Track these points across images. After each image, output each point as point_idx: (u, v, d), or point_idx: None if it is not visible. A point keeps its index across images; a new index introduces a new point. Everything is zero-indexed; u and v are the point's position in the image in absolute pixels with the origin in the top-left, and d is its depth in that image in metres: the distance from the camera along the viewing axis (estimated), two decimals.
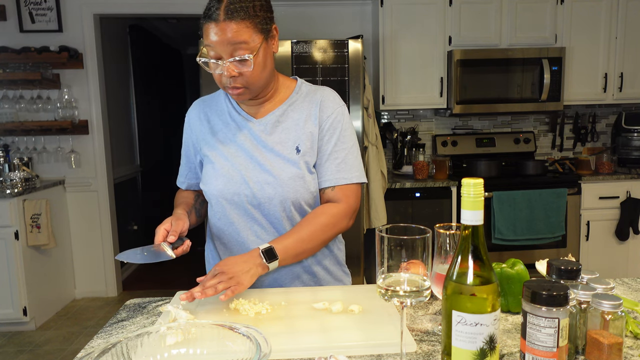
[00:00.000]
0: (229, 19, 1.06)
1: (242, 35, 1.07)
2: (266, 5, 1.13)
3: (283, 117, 1.23)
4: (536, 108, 3.49)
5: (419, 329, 0.96)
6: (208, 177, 1.24)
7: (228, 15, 1.06)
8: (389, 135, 3.74)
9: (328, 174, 1.22)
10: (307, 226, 1.18)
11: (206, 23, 1.08)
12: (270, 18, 1.14)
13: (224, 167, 1.21)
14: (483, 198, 0.70)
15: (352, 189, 1.23)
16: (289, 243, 1.15)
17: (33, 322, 3.29)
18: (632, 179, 3.41)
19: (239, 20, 1.06)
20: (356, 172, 1.23)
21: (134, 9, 3.68)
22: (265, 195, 1.19)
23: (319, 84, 2.82)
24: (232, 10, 1.06)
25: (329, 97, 1.25)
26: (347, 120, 1.25)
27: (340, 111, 1.24)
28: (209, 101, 1.32)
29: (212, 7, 1.08)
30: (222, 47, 1.07)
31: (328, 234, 1.21)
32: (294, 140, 1.21)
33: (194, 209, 1.34)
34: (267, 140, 1.21)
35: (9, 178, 3.32)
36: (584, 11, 3.51)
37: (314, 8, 3.74)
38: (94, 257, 3.89)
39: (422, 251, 0.74)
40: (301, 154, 1.20)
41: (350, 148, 1.24)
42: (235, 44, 1.07)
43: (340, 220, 1.21)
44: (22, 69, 3.50)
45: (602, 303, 0.77)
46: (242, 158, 1.21)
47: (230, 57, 1.09)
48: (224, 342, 0.77)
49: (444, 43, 3.48)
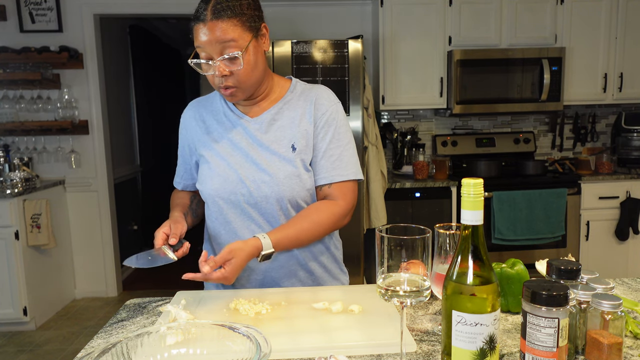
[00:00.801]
0: (216, 18, 1.07)
1: (230, 33, 1.08)
2: (254, 4, 1.14)
3: (278, 115, 1.23)
4: (536, 108, 3.49)
5: (419, 329, 0.96)
6: (204, 177, 1.24)
7: (215, 14, 1.07)
8: (389, 135, 3.74)
9: (324, 171, 1.22)
10: (306, 222, 1.18)
11: (195, 25, 1.10)
12: (259, 16, 1.15)
13: (219, 166, 1.22)
14: (483, 198, 0.70)
15: (349, 186, 1.24)
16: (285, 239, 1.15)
17: (33, 322, 3.29)
18: (632, 179, 3.41)
19: (226, 18, 1.08)
20: (352, 169, 1.24)
21: (134, 9, 3.68)
22: (261, 194, 1.19)
23: (318, 83, 2.82)
24: (219, 9, 1.07)
25: (323, 95, 1.25)
26: (342, 117, 1.26)
27: (334, 108, 1.25)
28: (204, 102, 1.32)
29: (200, 8, 1.10)
30: (212, 47, 1.09)
31: (325, 231, 1.22)
32: (289, 139, 1.21)
33: (190, 210, 1.34)
34: (262, 139, 1.21)
35: (9, 178, 3.32)
36: (584, 11, 3.51)
37: (314, 8, 3.74)
38: (94, 257, 3.89)
39: (422, 251, 0.74)
40: (297, 152, 1.20)
41: (346, 145, 1.24)
42: (224, 42, 1.08)
43: (339, 218, 1.22)
44: (22, 69, 3.50)
45: (602, 303, 0.77)
46: (238, 157, 1.21)
47: (220, 56, 1.10)
48: (224, 342, 0.77)
49: (444, 43, 3.48)
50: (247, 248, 1.09)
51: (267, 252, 1.11)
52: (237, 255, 1.06)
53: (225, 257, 1.05)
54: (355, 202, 1.26)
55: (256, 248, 1.10)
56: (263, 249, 1.11)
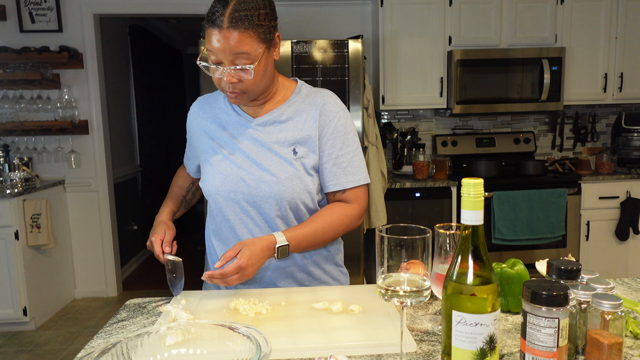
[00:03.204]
0: (232, 27, 1.04)
1: (245, 46, 1.06)
2: (271, 13, 1.12)
3: (281, 117, 1.23)
4: (536, 108, 3.49)
5: (419, 329, 0.96)
6: (206, 176, 1.26)
7: (232, 23, 1.04)
8: (389, 135, 3.74)
9: (336, 177, 1.23)
10: (320, 222, 1.20)
11: (209, 27, 1.07)
12: (274, 27, 1.14)
13: (221, 165, 1.22)
14: (483, 198, 0.70)
15: (362, 191, 1.27)
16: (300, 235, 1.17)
17: (33, 322, 3.29)
18: (632, 179, 3.41)
19: (243, 30, 1.05)
20: (363, 174, 1.26)
21: (134, 9, 3.68)
22: (261, 194, 1.19)
23: (319, 84, 2.82)
24: (237, 18, 1.04)
25: (329, 101, 1.25)
26: (350, 123, 1.26)
27: (342, 114, 1.25)
28: (210, 99, 1.34)
29: (217, 11, 1.06)
30: (224, 55, 1.07)
31: (339, 232, 1.24)
32: (291, 142, 1.21)
33: (184, 201, 1.41)
34: (264, 140, 1.22)
35: (9, 178, 3.32)
36: (584, 11, 3.51)
37: (314, 8, 3.74)
38: (94, 257, 3.89)
39: (422, 251, 0.74)
40: (298, 156, 1.21)
41: (355, 150, 1.26)
42: (237, 54, 1.07)
43: (352, 220, 1.25)
44: (22, 69, 3.50)
45: (602, 303, 0.77)
46: (240, 156, 1.22)
47: (231, 65, 1.08)
48: (224, 342, 0.77)
49: (444, 43, 3.48)
50: (260, 241, 1.11)
51: (281, 245, 1.13)
52: (246, 245, 1.09)
53: (236, 249, 1.08)
54: (367, 204, 1.30)
55: (270, 241, 1.12)
56: (277, 243, 1.12)
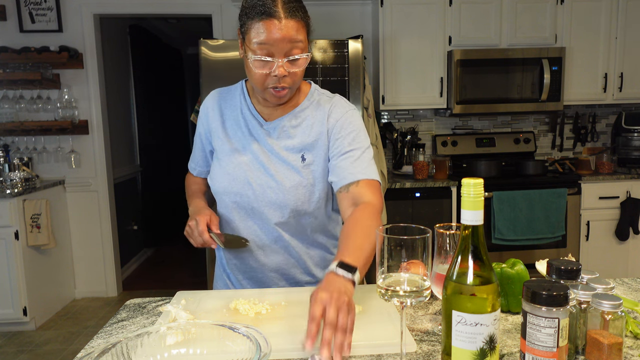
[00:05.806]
0: (290, 16, 1.05)
1: (301, 35, 1.08)
2: None
3: (292, 123, 1.21)
4: (536, 108, 3.49)
5: (419, 329, 0.96)
6: (214, 173, 1.25)
7: (289, 13, 1.05)
8: (389, 135, 3.74)
9: (347, 170, 1.15)
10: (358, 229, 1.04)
11: (263, 20, 1.05)
12: None
13: (229, 165, 1.22)
14: (483, 198, 0.70)
15: (376, 185, 1.16)
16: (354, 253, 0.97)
17: (33, 322, 3.29)
18: (632, 179, 3.41)
19: (299, 19, 1.07)
20: (374, 171, 1.18)
21: (134, 9, 3.68)
22: (266, 199, 1.19)
23: (318, 84, 2.82)
24: (292, 8, 1.06)
25: (337, 104, 1.23)
26: (360, 122, 1.23)
27: (351, 112, 1.23)
28: (225, 94, 1.29)
29: (266, 4, 1.05)
30: (282, 45, 1.06)
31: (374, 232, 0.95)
32: (299, 149, 1.20)
33: (205, 196, 1.38)
34: (273, 145, 1.20)
35: (9, 178, 3.32)
36: (584, 11, 3.51)
37: (314, 8, 3.74)
38: (94, 257, 3.89)
39: (422, 251, 0.74)
40: (306, 163, 1.19)
41: (366, 148, 1.20)
42: (294, 43, 1.07)
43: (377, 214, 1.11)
44: (22, 69, 3.50)
45: (602, 303, 0.77)
46: (248, 159, 1.21)
47: (286, 57, 1.08)
48: (224, 342, 0.77)
49: (443, 43, 3.47)
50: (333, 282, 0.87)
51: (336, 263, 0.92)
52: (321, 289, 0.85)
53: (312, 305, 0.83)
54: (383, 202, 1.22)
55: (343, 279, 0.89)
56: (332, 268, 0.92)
